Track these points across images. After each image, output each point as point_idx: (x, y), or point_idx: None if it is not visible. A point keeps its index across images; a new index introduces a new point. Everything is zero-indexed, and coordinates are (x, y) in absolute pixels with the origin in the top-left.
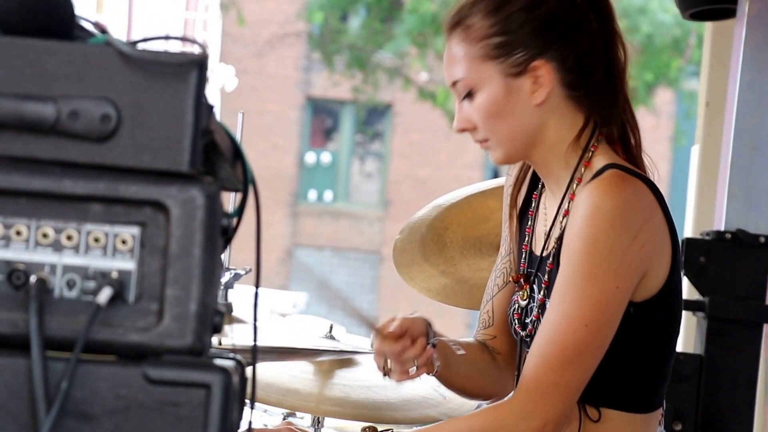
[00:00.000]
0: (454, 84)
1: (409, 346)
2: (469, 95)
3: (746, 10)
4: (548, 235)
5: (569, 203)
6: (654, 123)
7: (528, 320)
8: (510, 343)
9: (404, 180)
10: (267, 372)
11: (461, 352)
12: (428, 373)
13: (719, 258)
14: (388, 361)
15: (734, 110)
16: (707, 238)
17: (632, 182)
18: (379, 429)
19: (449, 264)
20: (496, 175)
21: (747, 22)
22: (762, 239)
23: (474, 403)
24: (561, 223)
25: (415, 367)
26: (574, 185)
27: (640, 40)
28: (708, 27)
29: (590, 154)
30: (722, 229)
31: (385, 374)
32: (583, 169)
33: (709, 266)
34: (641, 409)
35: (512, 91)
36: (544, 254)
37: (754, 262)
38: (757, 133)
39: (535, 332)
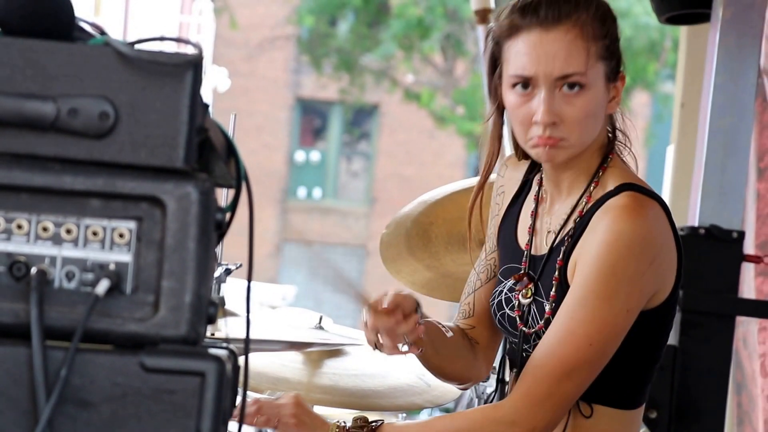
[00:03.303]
0: (563, 77)
1: (402, 321)
2: (575, 91)
3: (720, 15)
4: (556, 236)
5: (585, 205)
6: (630, 124)
7: (533, 318)
8: (487, 334)
9: (390, 178)
10: (258, 361)
11: (450, 334)
12: (414, 352)
13: (693, 252)
14: (379, 335)
15: (708, 111)
16: (682, 233)
17: (651, 207)
18: (370, 419)
19: (434, 258)
20: (477, 173)
21: (721, 26)
22: (734, 234)
23: (457, 392)
24: (574, 221)
25: (405, 345)
26: (592, 188)
27: (621, 44)
28: (683, 31)
29: (609, 160)
30: (696, 224)
31: (375, 348)
32: (601, 173)
33: (683, 260)
34: (629, 405)
35: (606, 94)
36: (550, 252)
37: (726, 256)
38: (730, 133)
39: (544, 330)
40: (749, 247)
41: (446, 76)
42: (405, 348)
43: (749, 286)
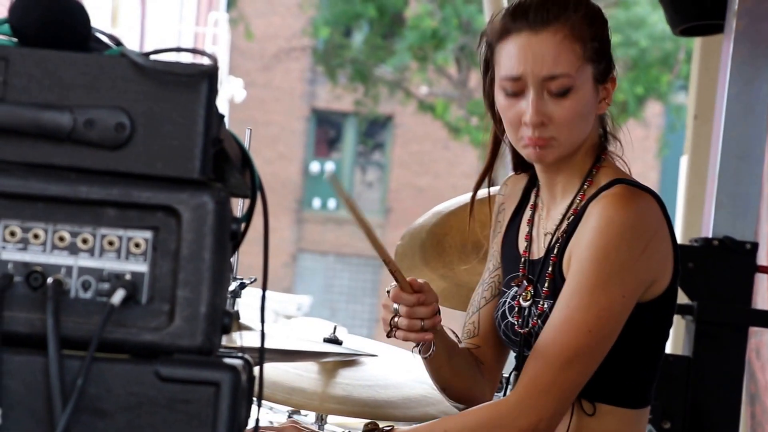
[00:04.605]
0: (551, 78)
1: (423, 302)
2: (563, 92)
3: (733, 26)
4: (553, 235)
5: (579, 203)
6: (643, 134)
7: (530, 317)
8: (492, 354)
9: (404, 188)
10: (273, 371)
11: (462, 345)
12: (423, 355)
13: (707, 264)
14: (396, 317)
15: (722, 122)
16: (696, 244)
17: (642, 196)
18: (381, 425)
19: (448, 268)
20: (490, 183)
21: (734, 37)
22: (748, 246)
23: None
24: (568, 220)
25: (421, 324)
26: (585, 186)
27: (636, 54)
28: (697, 42)
29: (602, 161)
30: (710, 236)
31: (389, 332)
32: (594, 172)
33: (697, 271)
34: (633, 404)
35: (595, 96)
36: (546, 252)
37: (740, 267)
38: (743, 143)
39: (539, 326)
40: (762, 259)
41: (460, 88)
42: (415, 351)
43: (763, 297)
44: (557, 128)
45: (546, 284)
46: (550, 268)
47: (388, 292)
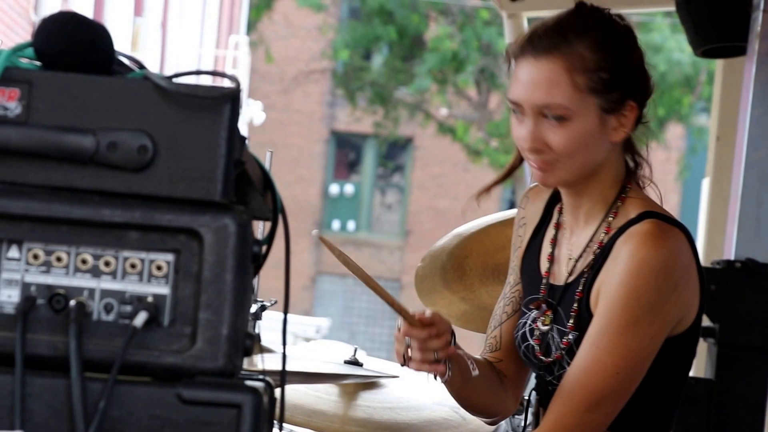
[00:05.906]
0: (546, 106)
1: (435, 336)
2: (559, 119)
3: (756, 48)
4: (575, 265)
5: (604, 235)
6: (665, 157)
7: (553, 346)
8: (515, 367)
9: (423, 211)
10: (293, 393)
11: (476, 372)
12: (440, 378)
13: (729, 286)
14: (409, 349)
15: (744, 144)
16: (718, 267)
17: (674, 234)
18: None
19: (469, 291)
20: (512, 205)
21: (757, 59)
22: None
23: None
24: (594, 253)
25: (435, 355)
26: (610, 218)
27: (655, 78)
28: (719, 64)
29: (627, 190)
30: (732, 258)
31: (403, 362)
32: (619, 204)
33: (719, 294)
34: None
35: (602, 125)
36: (569, 282)
37: (762, 289)
38: (766, 165)
39: (563, 359)
40: None
41: (480, 110)
42: (431, 375)
43: None
44: (557, 154)
45: (572, 320)
46: (575, 304)
47: (398, 329)
